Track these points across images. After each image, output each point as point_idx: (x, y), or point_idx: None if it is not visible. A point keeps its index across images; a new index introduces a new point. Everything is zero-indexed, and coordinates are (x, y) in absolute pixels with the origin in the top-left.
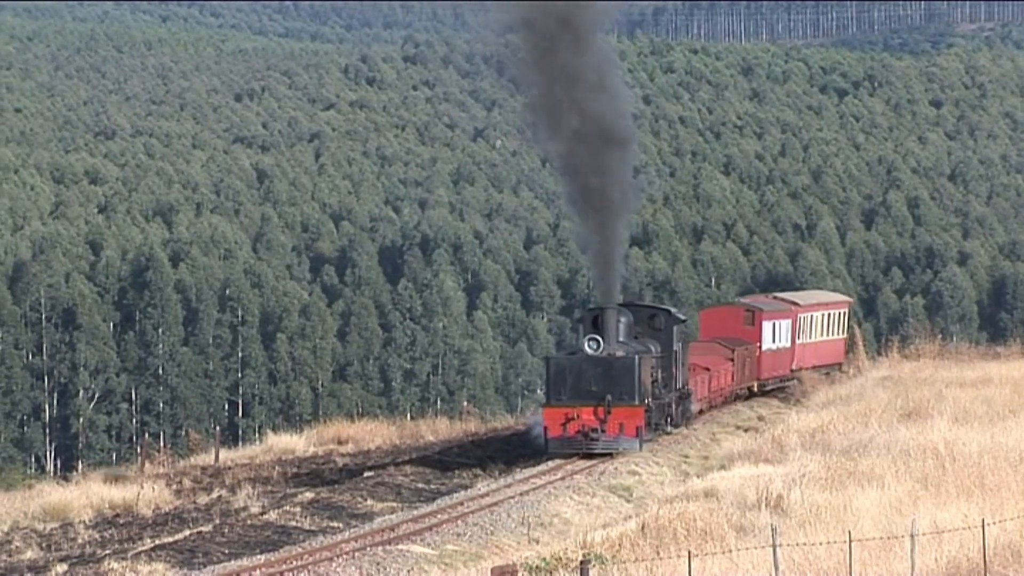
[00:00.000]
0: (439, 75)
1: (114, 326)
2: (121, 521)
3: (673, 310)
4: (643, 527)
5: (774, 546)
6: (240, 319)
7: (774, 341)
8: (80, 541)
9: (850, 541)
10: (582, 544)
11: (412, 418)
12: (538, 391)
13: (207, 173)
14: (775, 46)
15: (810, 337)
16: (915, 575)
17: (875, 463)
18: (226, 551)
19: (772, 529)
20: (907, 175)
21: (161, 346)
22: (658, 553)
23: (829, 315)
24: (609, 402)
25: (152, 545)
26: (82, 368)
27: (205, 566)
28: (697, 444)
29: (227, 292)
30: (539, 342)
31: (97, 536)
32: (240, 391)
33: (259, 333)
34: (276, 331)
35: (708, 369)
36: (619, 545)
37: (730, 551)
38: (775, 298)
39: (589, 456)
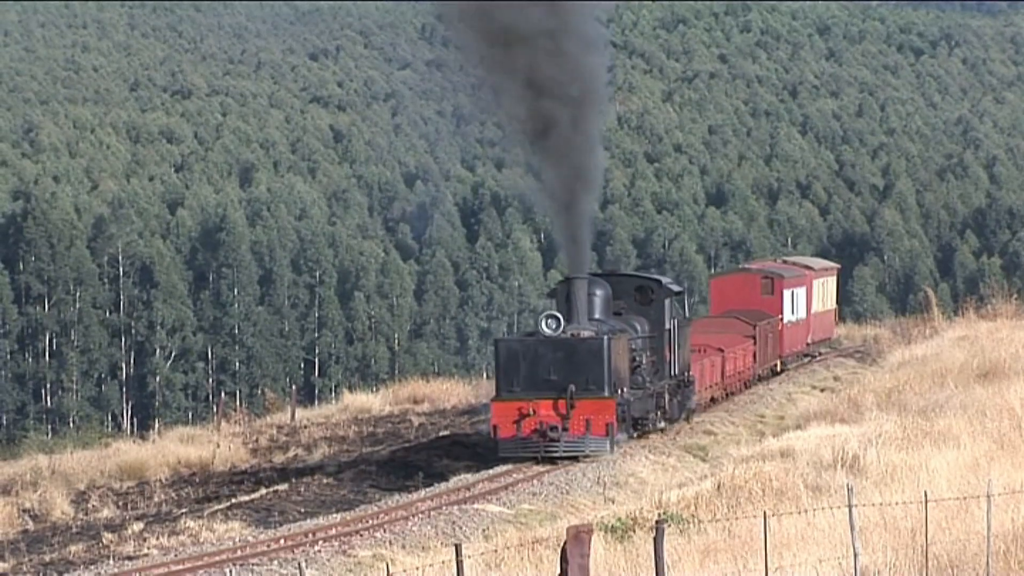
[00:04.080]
0: None
1: (190, 285)
2: (197, 480)
3: (665, 280)
4: (719, 487)
5: (850, 506)
6: (318, 279)
7: (793, 312)
8: (156, 500)
9: (926, 501)
10: (658, 504)
11: (488, 377)
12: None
13: (283, 133)
14: (852, 4)
15: (820, 306)
16: (991, 535)
17: (951, 423)
18: (302, 510)
19: (848, 489)
20: (984, 135)
21: (237, 305)
22: (734, 513)
23: (826, 283)
24: (572, 394)
25: (228, 504)
26: (159, 326)
27: (281, 525)
28: (773, 404)
29: (304, 251)
30: None
31: (173, 495)
32: (316, 350)
33: (336, 293)
34: (353, 290)
35: (721, 350)
36: (695, 505)
37: (806, 511)
38: (785, 262)
39: (549, 461)
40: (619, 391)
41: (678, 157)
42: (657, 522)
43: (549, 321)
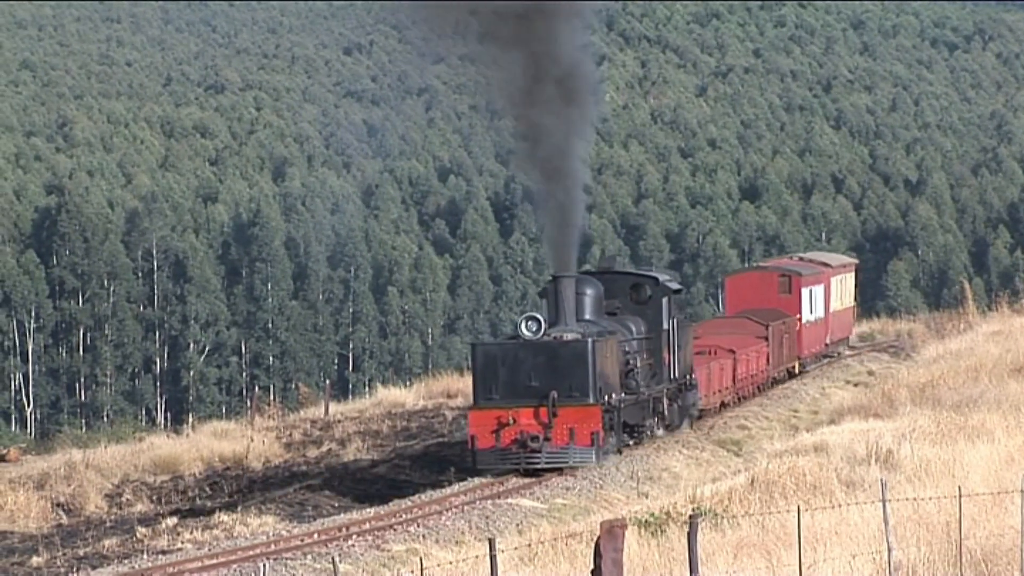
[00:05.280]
0: None
1: (223, 279)
2: (231, 474)
3: (663, 277)
4: (752, 481)
5: (883, 501)
6: (354, 274)
7: (811, 311)
8: (190, 494)
9: (960, 496)
10: (691, 498)
11: None
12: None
13: (317, 127)
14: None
15: (839, 304)
16: None
17: (985, 418)
18: (335, 504)
19: (882, 484)
20: (1019, 129)
21: (270, 300)
22: (767, 507)
23: (844, 279)
24: (554, 401)
25: (262, 498)
26: (193, 321)
27: (314, 519)
28: (807, 399)
29: (340, 246)
30: None
31: (207, 489)
32: (350, 345)
33: (370, 288)
34: (387, 284)
35: (733, 351)
36: (728, 499)
37: (839, 506)
38: (801, 259)
39: (531, 473)
40: (606, 397)
41: (712, 152)
42: (691, 517)
43: (529, 323)
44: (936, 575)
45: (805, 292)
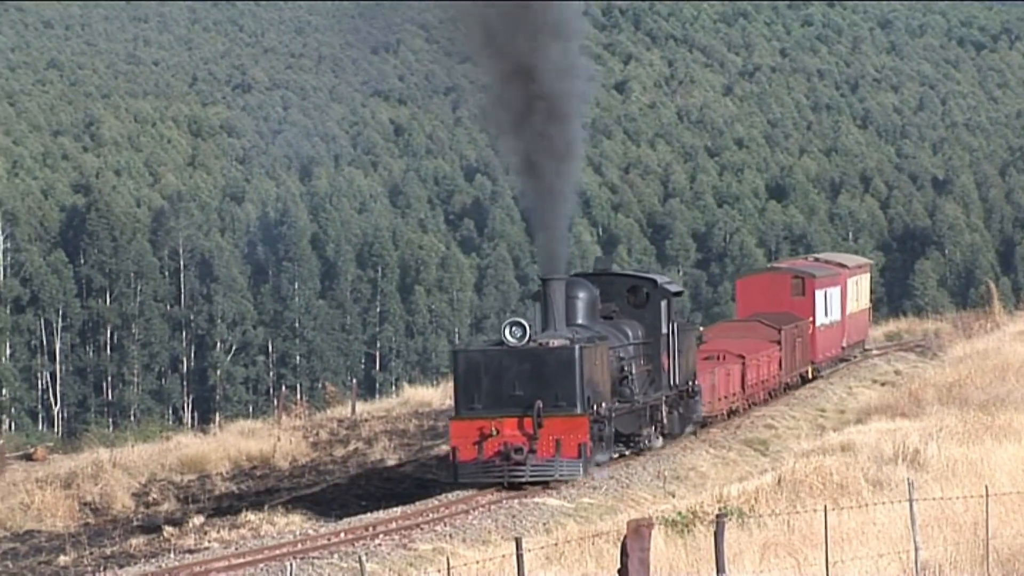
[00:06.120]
0: None
1: (249, 278)
2: (258, 473)
3: (661, 279)
4: (779, 481)
5: (910, 500)
6: (381, 273)
7: (827, 314)
8: (217, 493)
9: (987, 496)
10: (718, 498)
11: None
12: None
13: (344, 127)
14: None
15: (855, 306)
16: None
17: (1012, 417)
18: (362, 503)
19: (908, 483)
20: None
21: (297, 299)
22: (794, 507)
23: (859, 281)
24: (540, 411)
25: (289, 497)
26: (220, 320)
27: (341, 518)
28: (834, 398)
29: (365, 246)
30: None
31: (234, 488)
32: (377, 344)
33: (396, 287)
34: (414, 284)
35: (742, 356)
36: (755, 499)
37: (866, 505)
38: (816, 259)
39: (515, 487)
40: (594, 407)
41: (738, 151)
42: (717, 516)
43: (513, 329)
44: (963, 575)
45: (819, 294)
